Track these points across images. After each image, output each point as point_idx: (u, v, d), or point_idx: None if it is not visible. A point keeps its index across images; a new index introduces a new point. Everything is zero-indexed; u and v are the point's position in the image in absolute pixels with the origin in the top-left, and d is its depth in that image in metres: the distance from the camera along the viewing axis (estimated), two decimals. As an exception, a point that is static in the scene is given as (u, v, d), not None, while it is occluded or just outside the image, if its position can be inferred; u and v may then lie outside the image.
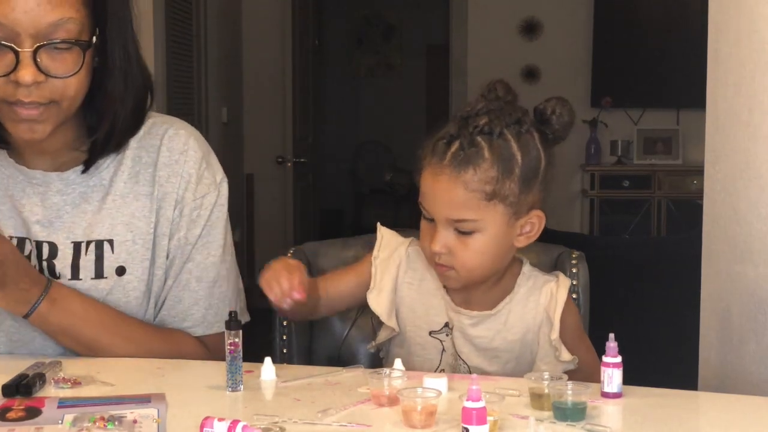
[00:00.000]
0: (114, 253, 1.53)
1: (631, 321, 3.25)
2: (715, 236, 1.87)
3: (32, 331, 1.53)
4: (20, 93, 1.39)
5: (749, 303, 1.72)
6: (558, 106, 1.48)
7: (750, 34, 1.73)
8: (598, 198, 6.22)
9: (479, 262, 1.46)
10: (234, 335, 1.32)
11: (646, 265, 3.47)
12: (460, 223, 1.44)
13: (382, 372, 1.28)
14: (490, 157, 1.42)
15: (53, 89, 1.40)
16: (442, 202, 1.44)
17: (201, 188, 1.58)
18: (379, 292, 1.56)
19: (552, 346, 1.50)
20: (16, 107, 1.41)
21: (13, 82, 1.38)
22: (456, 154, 1.43)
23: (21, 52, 1.37)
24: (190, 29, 5.09)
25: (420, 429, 1.16)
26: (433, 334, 1.54)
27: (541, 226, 1.50)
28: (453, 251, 1.45)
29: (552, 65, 6.45)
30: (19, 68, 1.37)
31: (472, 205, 1.43)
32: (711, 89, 1.91)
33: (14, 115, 1.42)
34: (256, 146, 6.10)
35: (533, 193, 1.46)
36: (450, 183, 1.43)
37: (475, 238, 1.45)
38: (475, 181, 1.42)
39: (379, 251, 1.58)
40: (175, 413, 1.21)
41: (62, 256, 1.52)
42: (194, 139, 1.60)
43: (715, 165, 1.89)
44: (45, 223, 1.53)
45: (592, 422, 1.19)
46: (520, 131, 1.45)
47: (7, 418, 1.18)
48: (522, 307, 1.53)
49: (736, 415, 1.27)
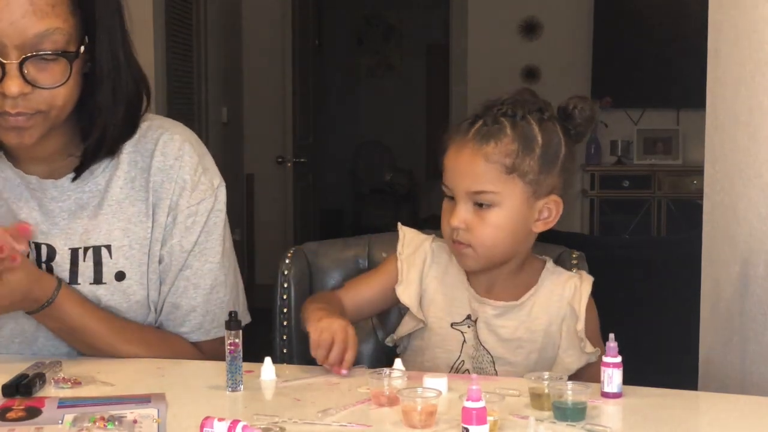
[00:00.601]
0: (112, 259, 1.53)
1: (631, 321, 3.24)
2: (715, 236, 1.87)
3: (34, 332, 1.53)
4: (7, 104, 1.38)
5: (749, 303, 1.72)
6: (580, 102, 1.54)
7: (750, 34, 1.73)
8: (598, 198, 6.22)
9: (496, 238, 1.49)
10: (234, 335, 1.32)
11: (646, 265, 3.47)
12: (480, 195, 1.48)
13: (382, 372, 1.28)
14: (511, 134, 1.48)
15: (40, 100, 1.39)
16: (463, 175, 1.49)
17: (196, 194, 1.55)
18: (407, 286, 1.59)
19: (578, 337, 1.52)
20: (5, 117, 1.39)
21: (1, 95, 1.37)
22: (479, 130, 1.49)
23: (7, 64, 1.35)
24: (190, 29, 5.09)
25: (420, 429, 1.16)
26: (455, 326, 1.56)
27: (558, 213, 1.53)
28: (471, 227, 1.49)
29: (552, 65, 6.45)
30: (6, 80, 1.36)
31: (492, 177, 1.47)
32: (711, 89, 1.91)
33: (2, 122, 1.41)
34: (256, 146, 6.10)
35: (553, 177, 1.51)
36: (471, 155, 1.48)
37: (493, 213, 1.48)
38: (496, 153, 1.47)
39: (404, 248, 1.62)
40: (175, 413, 1.21)
41: (60, 261, 1.52)
42: (189, 144, 1.58)
43: (715, 165, 1.89)
44: (43, 228, 1.52)
45: (592, 422, 1.19)
46: (542, 118, 1.51)
47: (7, 418, 1.18)
48: (546, 299, 1.56)
49: (736, 415, 1.27)
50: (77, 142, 1.52)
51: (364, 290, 1.63)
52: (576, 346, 1.52)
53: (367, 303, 1.63)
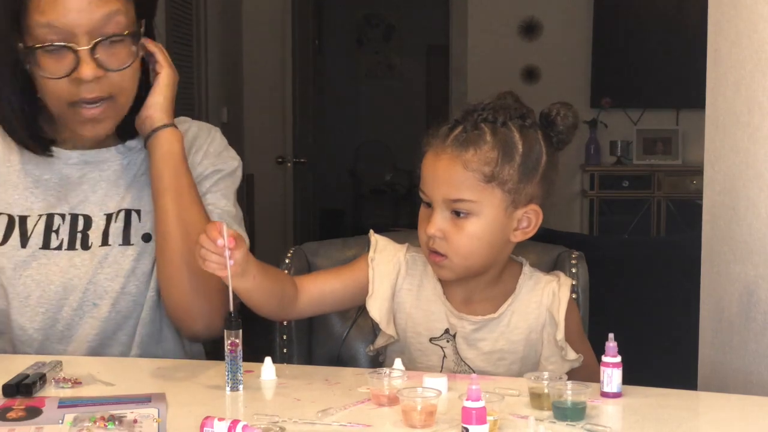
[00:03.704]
0: (141, 222, 1.61)
1: (631, 321, 3.24)
2: (715, 236, 1.87)
3: (36, 332, 1.54)
4: (83, 90, 1.49)
5: (749, 303, 1.72)
6: (563, 108, 1.49)
7: (750, 34, 1.73)
8: (597, 198, 6.22)
9: (473, 248, 1.45)
10: (234, 335, 1.32)
11: (646, 265, 3.46)
12: (458, 203, 1.44)
13: (382, 372, 1.28)
14: (491, 141, 1.43)
15: (112, 83, 1.50)
16: (441, 182, 1.45)
17: (221, 159, 1.70)
18: (376, 299, 1.53)
19: (558, 346, 1.49)
20: (79, 109, 1.51)
21: (74, 81, 1.47)
22: (458, 136, 1.44)
23: (80, 51, 1.46)
24: (191, 29, 5.09)
25: (420, 429, 1.16)
26: (433, 341, 1.53)
27: (537, 223, 1.49)
28: (448, 236, 1.44)
29: (552, 65, 6.45)
30: (81, 66, 1.47)
31: (471, 185, 1.43)
32: (711, 89, 1.91)
33: (78, 117, 1.52)
34: (256, 146, 6.10)
35: (532, 186, 1.46)
36: (450, 162, 1.44)
37: (470, 222, 1.44)
38: (474, 161, 1.42)
39: (375, 253, 1.56)
40: (175, 413, 1.21)
41: (96, 227, 1.61)
42: (219, 133, 1.75)
43: (714, 165, 1.88)
44: (81, 197, 1.62)
45: (592, 422, 1.19)
46: (523, 125, 1.46)
47: (7, 418, 1.18)
48: (525, 307, 1.52)
49: (736, 415, 1.27)
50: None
51: (332, 280, 1.56)
52: (557, 355, 1.49)
53: (331, 293, 1.55)
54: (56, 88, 1.50)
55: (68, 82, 1.48)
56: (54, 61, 1.48)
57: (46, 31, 1.46)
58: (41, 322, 1.57)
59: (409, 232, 1.66)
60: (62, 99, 1.51)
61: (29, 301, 1.57)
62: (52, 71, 1.48)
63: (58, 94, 1.51)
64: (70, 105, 1.51)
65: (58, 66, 1.48)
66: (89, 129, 1.55)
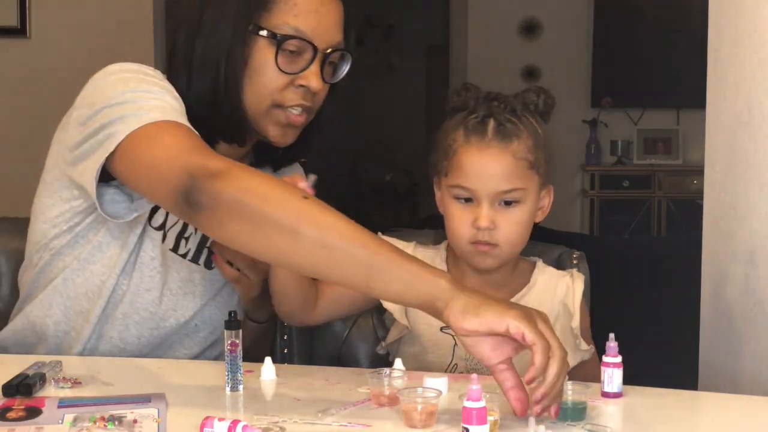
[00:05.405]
0: None
1: (631, 321, 3.24)
2: (715, 236, 1.87)
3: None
4: (302, 96, 1.49)
5: (749, 303, 1.72)
6: (542, 92, 1.54)
7: (750, 34, 1.73)
8: (598, 198, 6.22)
9: (521, 233, 1.51)
10: (234, 335, 1.32)
11: (646, 265, 3.47)
12: (509, 193, 1.48)
13: (382, 372, 1.28)
14: (525, 129, 1.50)
15: (320, 98, 1.53)
16: (491, 175, 1.48)
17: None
18: None
19: (573, 335, 1.52)
20: (286, 112, 1.50)
21: (297, 87, 1.48)
22: (498, 129, 1.49)
23: (315, 61, 1.48)
24: (191, 29, 5.08)
25: (420, 429, 1.16)
26: (444, 330, 1.54)
27: (550, 201, 1.57)
28: (498, 225, 1.49)
29: (552, 65, 6.44)
30: (311, 74, 1.48)
31: (520, 174, 1.49)
32: (711, 89, 1.91)
33: (279, 118, 1.50)
34: (256, 146, 6.09)
35: (550, 166, 1.53)
36: (500, 154, 1.48)
37: (517, 209, 1.50)
38: (521, 150, 1.49)
39: None
40: (175, 413, 1.21)
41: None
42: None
43: (714, 165, 1.88)
44: None
45: (592, 422, 1.19)
46: (531, 112, 1.53)
47: (7, 417, 1.18)
48: (539, 299, 1.55)
49: (736, 415, 1.27)
50: None
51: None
52: (571, 344, 1.51)
53: (345, 293, 1.56)
54: (277, 84, 1.48)
55: (290, 82, 1.48)
56: (288, 60, 1.48)
57: (291, 33, 1.47)
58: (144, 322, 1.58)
59: (409, 233, 1.66)
60: (274, 96, 1.49)
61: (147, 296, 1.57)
62: (285, 67, 1.48)
63: (271, 89, 1.49)
64: (275, 106, 1.49)
65: (291, 65, 1.48)
66: (280, 134, 1.53)
